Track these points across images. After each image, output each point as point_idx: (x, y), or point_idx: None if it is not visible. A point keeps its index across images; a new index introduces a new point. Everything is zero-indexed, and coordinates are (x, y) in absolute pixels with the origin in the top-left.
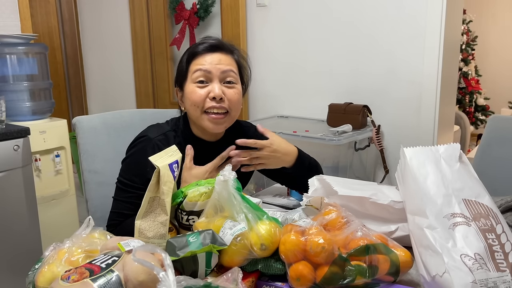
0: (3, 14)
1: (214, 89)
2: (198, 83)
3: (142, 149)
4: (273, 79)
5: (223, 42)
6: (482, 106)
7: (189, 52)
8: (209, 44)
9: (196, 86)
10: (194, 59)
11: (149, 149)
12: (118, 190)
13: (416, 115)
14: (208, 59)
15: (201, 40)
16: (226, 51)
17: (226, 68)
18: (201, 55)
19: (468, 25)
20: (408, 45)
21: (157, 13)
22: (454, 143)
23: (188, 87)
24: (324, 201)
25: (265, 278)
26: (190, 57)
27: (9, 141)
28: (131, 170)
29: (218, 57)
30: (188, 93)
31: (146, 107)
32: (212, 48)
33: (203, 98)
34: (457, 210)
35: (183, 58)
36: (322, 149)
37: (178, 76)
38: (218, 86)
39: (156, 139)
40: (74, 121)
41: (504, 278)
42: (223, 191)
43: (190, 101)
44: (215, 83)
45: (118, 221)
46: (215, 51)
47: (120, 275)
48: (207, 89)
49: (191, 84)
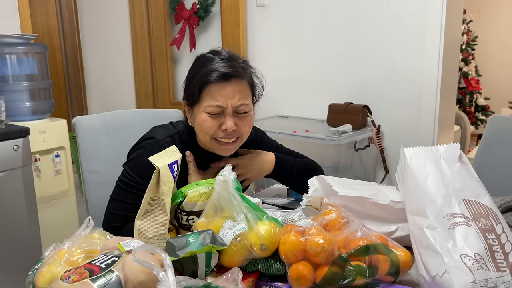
0: (3, 14)
1: (227, 122)
2: (211, 114)
3: (149, 151)
4: (273, 79)
5: (235, 66)
6: (482, 106)
7: (201, 80)
8: (221, 73)
9: (209, 116)
10: (207, 88)
11: (156, 150)
12: (120, 191)
13: (416, 115)
14: (222, 92)
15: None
16: (239, 77)
17: (239, 103)
18: (215, 85)
19: (468, 25)
20: (408, 45)
21: (157, 13)
22: (454, 143)
23: (199, 114)
24: (324, 201)
25: (265, 278)
26: (203, 85)
27: (9, 141)
28: (136, 171)
29: (232, 89)
30: (200, 120)
31: (146, 107)
32: (224, 77)
33: (215, 128)
34: (457, 210)
35: (194, 80)
36: (322, 149)
37: (188, 96)
38: (231, 119)
39: (163, 141)
40: (74, 121)
41: (504, 278)
42: (223, 191)
43: (200, 128)
44: (228, 116)
45: (121, 223)
46: (229, 81)
47: (120, 275)
48: (219, 121)
49: (203, 112)
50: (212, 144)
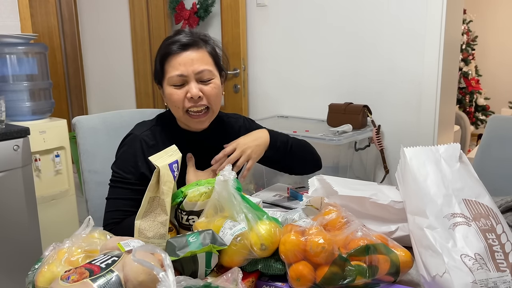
0: (3, 14)
1: (191, 89)
2: (176, 86)
3: (131, 146)
4: (273, 79)
5: (193, 37)
6: (482, 106)
7: (161, 52)
8: (181, 43)
9: (173, 88)
10: (167, 60)
11: (136, 145)
12: (112, 189)
13: (416, 115)
14: (181, 60)
15: (173, 35)
16: (198, 46)
17: (200, 69)
18: (174, 55)
19: (468, 25)
20: (408, 45)
21: (157, 13)
22: (454, 143)
23: (166, 88)
24: (324, 201)
25: (265, 278)
26: (163, 58)
27: (9, 141)
28: (123, 168)
29: (191, 56)
30: (168, 95)
31: (146, 107)
32: (183, 46)
33: (181, 99)
34: (457, 210)
35: (157, 57)
36: (322, 149)
37: (156, 74)
38: (195, 85)
39: (142, 134)
40: (74, 121)
41: (504, 278)
42: (223, 191)
43: (170, 102)
44: (192, 83)
45: (119, 219)
46: (187, 49)
47: (120, 275)
48: (185, 90)
49: (168, 86)
50: (186, 119)
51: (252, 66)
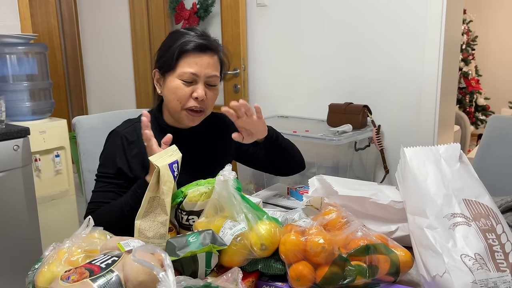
0: (3, 14)
1: (198, 90)
2: (184, 82)
3: (111, 143)
4: (273, 79)
5: (210, 41)
6: (482, 106)
7: (179, 48)
8: (199, 44)
9: (182, 83)
10: (184, 56)
11: (117, 141)
12: (96, 183)
13: (416, 115)
14: (199, 61)
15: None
16: (213, 51)
17: (212, 74)
18: (192, 54)
19: (468, 25)
20: (408, 45)
21: (157, 13)
22: (454, 143)
23: (173, 80)
24: (324, 201)
25: (265, 278)
26: (181, 52)
27: (9, 141)
28: (104, 163)
29: (207, 60)
30: (173, 87)
31: (146, 107)
32: (201, 48)
33: (187, 96)
34: (457, 210)
35: (170, 49)
36: (322, 149)
37: (163, 63)
38: (202, 87)
39: (124, 131)
40: (74, 121)
41: (504, 278)
42: (223, 191)
43: (173, 95)
44: (200, 84)
45: (95, 209)
46: (204, 52)
47: (120, 275)
48: (191, 88)
49: (176, 79)
50: (181, 114)
51: (252, 66)
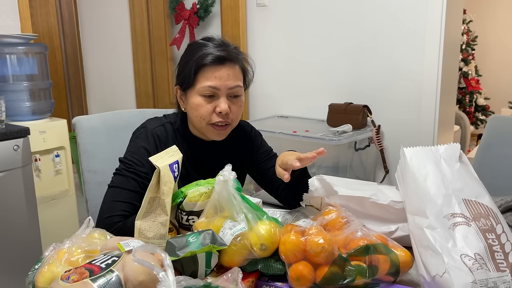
0: (3, 14)
1: (221, 105)
2: (205, 97)
3: (143, 139)
4: (273, 79)
5: (229, 51)
6: (482, 106)
7: (196, 62)
8: (216, 57)
9: (203, 99)
10: (202, 71)
11: (150, 138)
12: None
13: (416, 115)
14: (218, 74)
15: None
16: (232, 61)
17: (233, 85)
18: (210, 67)
19: (468, 25)
20: (408, 45)
21: (157, 13)
22: (454, 143)
23: (194, 97)
24: (324, 201)
25: (265, 278)
26: (198, 68)
27: (9, 141)
28: (136, 159)
29: (226, 72)
30: (194, 104)
31: (146, 107)
32: (221, 60)
33: (210, 113)
34: (457, 210)
35: (188, 63)
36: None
37: (183, 80)
38: (225, 101)
39: (156, 129)
40: (74, 121)
41: (504, 278)
42: (223, 191)
43: (196, 113)
44: (222, 97)
45: (128, 212)
46: (223, 64)
47: (120, 275)
48: (214, 104)
49: (197, 95)
50: (207, 129)
51: None
